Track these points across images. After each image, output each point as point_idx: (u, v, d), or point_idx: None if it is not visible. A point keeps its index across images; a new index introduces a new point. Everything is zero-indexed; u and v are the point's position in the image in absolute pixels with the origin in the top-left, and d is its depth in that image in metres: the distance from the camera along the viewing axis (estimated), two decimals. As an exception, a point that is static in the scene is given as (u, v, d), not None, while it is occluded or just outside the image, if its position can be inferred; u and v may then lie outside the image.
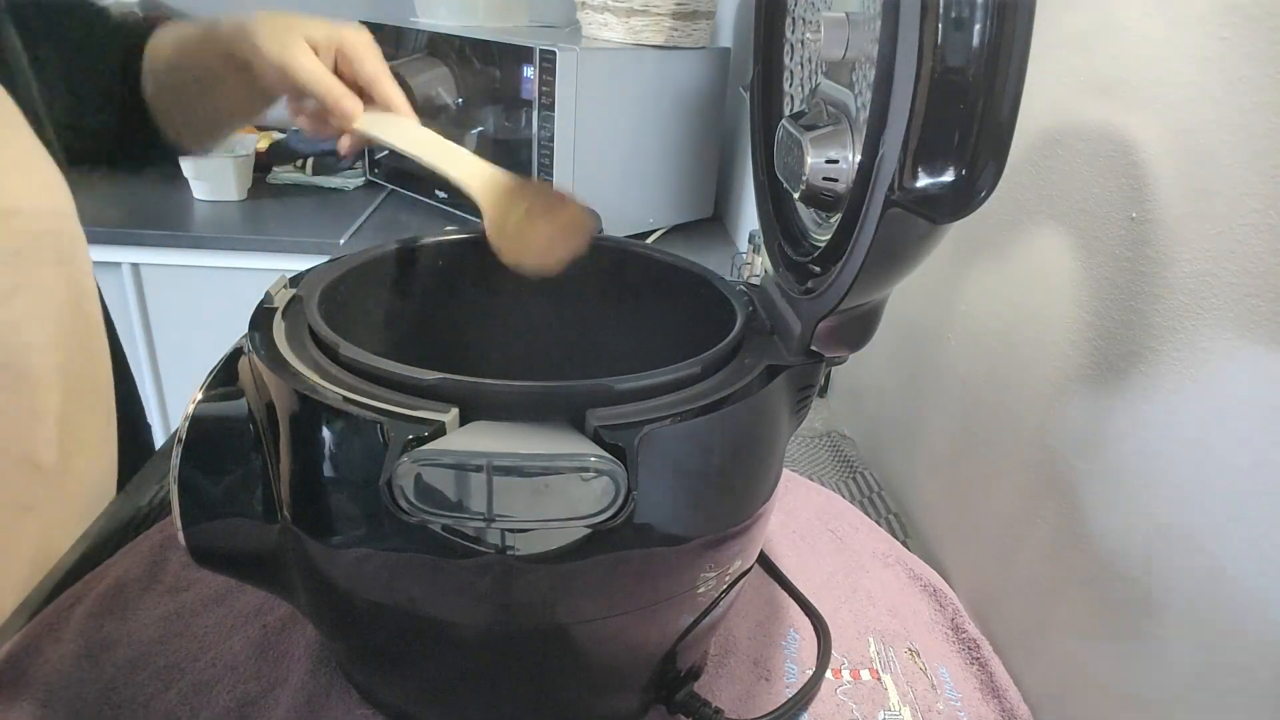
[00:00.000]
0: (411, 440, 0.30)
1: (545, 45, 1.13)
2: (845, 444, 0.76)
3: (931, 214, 0.30)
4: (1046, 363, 0.48)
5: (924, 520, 0.64)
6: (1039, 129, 0.48)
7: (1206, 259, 0.36)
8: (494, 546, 0.32)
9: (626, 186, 1.33)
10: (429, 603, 0.35)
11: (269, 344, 0.36)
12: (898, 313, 0.61)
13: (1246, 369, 0.34)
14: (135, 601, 0.49)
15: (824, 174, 0.38)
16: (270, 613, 0.49)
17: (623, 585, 0.35)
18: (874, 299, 0.37)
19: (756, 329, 0.41)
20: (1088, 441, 0.44)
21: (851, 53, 0.38)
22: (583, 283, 0.51)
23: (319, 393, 0.33)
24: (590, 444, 0.31)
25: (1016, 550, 0.50)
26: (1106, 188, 0.43)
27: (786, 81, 0.48)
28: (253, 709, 0.43)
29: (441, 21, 1.37)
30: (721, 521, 0.37)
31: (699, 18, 1.29)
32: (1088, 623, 0.43)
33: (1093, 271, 0.44)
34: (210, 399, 0.37)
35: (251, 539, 0.37)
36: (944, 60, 0.27)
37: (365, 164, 1.52)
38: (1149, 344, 0.39)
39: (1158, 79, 0.40)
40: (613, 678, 0.41)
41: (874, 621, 0.53)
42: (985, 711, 0.47)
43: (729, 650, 0.49)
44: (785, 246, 0.45)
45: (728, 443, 0.36)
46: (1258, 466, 0.33)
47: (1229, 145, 0.35)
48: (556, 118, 1.15)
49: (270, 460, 0.36)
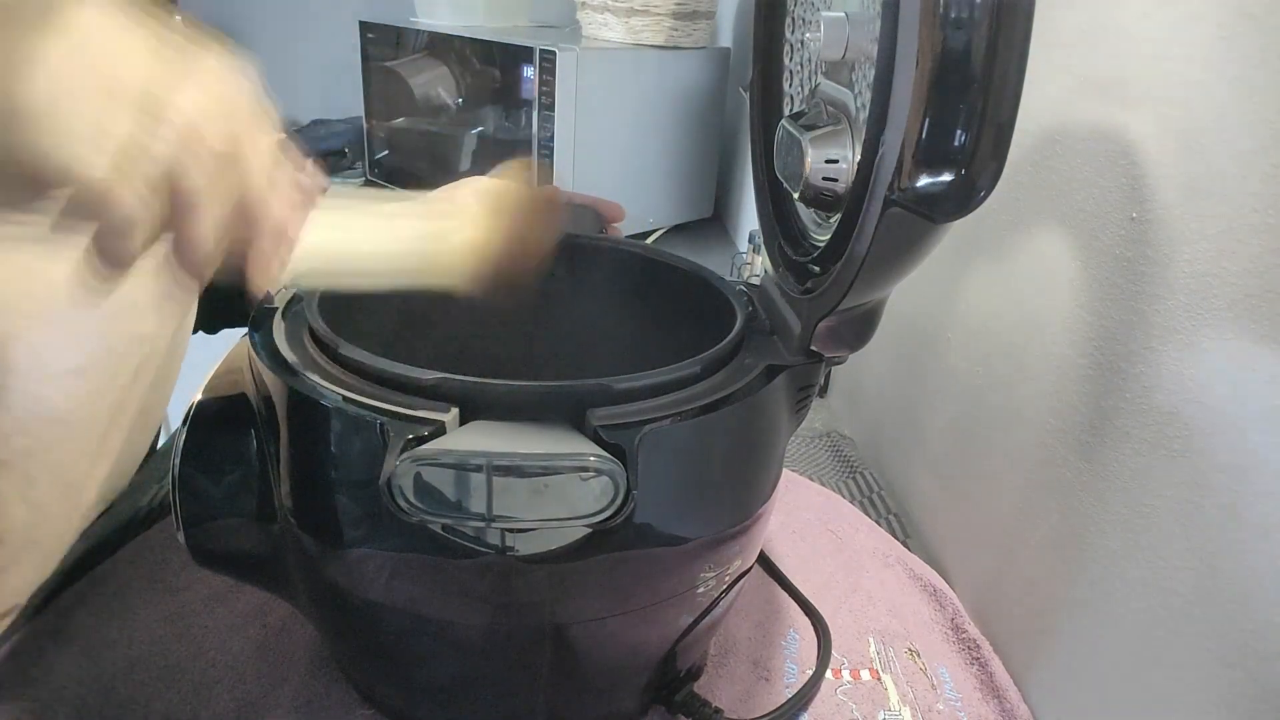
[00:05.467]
0: (411, 440, 0.30)
1: (545, 45, 1.13)
2: (845, 444, 0.76)
3: (931, 214, 0.30)
4: (1046, 362, 0.48)
5: (924, 520, 0.64)
6: (1039, 129, 0.48)
7: (1206, 259, 0.36)
8: (494, 546, 0.32)
9: (626, 186, 1.33)
10: (429, 603, 0.35)
11: (269, 344, 0.36)
12: (898, 313, 0.61)
13: (1246, 369, 0.34)
14: (135, 601, 0.49)
15: (824, 174, 0.38)
16: (270, 613, 0.49)
17: (623, 585, 0.35)
18: (874, 299, 0.37)
19: (756, 329, 0.41)
20: (1088, 441, 0.44)
21: (851, 53, 0.38)
22: (583, 283, 0.51)
23: (319, 393, 0.33)
24: (590, 444, 0.31)
25: (1016, 550, 0.50)
26: (1106, 188, 0.43)
27: (786, 81, 0.48)
28: (253, 709, 0.43)
29: (441, 21, 1.37)
30: (721, 521, 0.37)
31: (699, 18, 1.29)
32: (1088, 623, 0.43)
33: (1093, 271, 0.44)
34: (210, 399, 0.37)
35: (251, 539, 0.37)
36: (944, 60, 0.27)
37: (365, 164, 1.52)
38: (1149, 344, 0.39)
39: (1158, 79, 0.39)
40: (613, 678, 0.41)
41: (874, 621, 0.53)
42: (985, 711, 0.47)
43: (729, 650, 0.49)
44: (785, 246, 0.45)
45: (728, 442, 0.36)
46: (1258, 467, 0.33)
47: (1229, 145, 0.35)
48: (556, 118, 1.15)
49: (270, 460, 0.36)
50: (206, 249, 0.28)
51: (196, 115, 0.27)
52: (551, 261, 0.42)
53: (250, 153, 0.29)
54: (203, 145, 0.27)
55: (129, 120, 0.25)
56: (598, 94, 1.19)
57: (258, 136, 0.29)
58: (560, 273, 0.51)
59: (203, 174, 0.27)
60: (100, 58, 0.25)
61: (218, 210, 0.28)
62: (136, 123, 0.25)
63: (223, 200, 0.28)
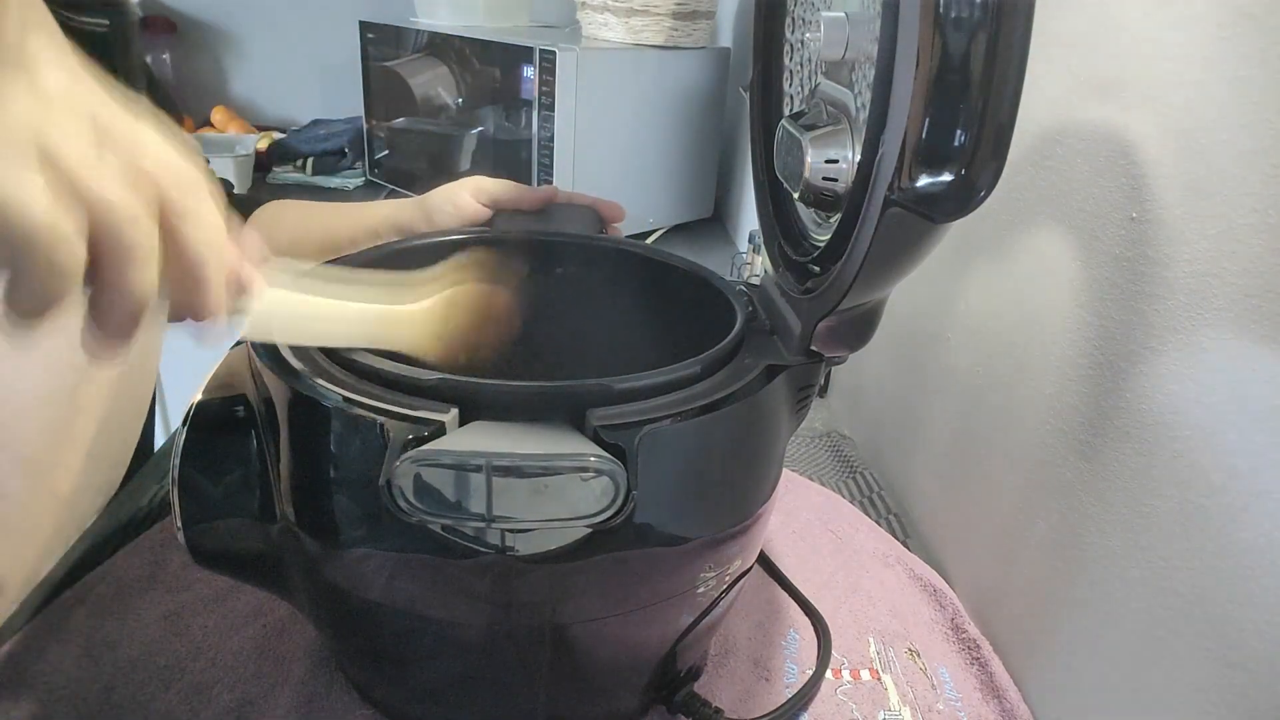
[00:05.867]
0: (411, 440, 0.30)
1: (545, 45, 1.13)
2: (845, 444, 0.76)
3: (931, 214, 0.30)
4: (1046, 362, 0.48)
5: (924, 520, 0.64)
6: (1039, 129, 0.48)
7: (1206, 259, 0.36)
8: (494, 546, 0.32)
9: (626, 186, 1.33)
10: (429, 603, 0.35)
11: (269, 344, 0.36)
12: (898, 313, 0.61)
13: (1246, 369, 0.34)
14: (135, 601, 0.49)
15: (824, 174, 0.38)
16: (270, 613, 0.49)
17: (623, 585, 0.35)
18: (874, 299, 0.37)
19: (756, 329, 0.41)
20: (1088, 441, 0.44)
21: (851, 53, 0.38)
22: (583, 283, 0.51)
23: (319, 393, 0.33)
24: (590, 444, 0.31)
25: (1016, 550, 0.50)
26: (1106, 188, 0.43)
27: (786, 81, 0.48)
28: (252, 709, 0.43)
29: (441, 21, 1.37)
30: (721, 521, 0.37)
31: (699, 18, 1.29)
32: (1088, 623, 0.43)
33: (1093, 271, 0.44)
34: (210, 399, 0.37)
35: (251, 539, 0.37)
36: (944, 60, 0.27)
37: (365, 164, 1.52)
38: (1149, 344, 0.39)
39: (1158, 79, 0.39)
40: (613, 678, 0.41)
41: (874, 621, 0.53)
42: (985, 711, 0.47)
43: (729, 650, 0.49)
44: (785, 246, 0.45)
45: (727, 443, 0.36)
46: (1258, 467, 0.33)
47: (1229, 145, 0.35)
48: (556, 118, 1.15)
49: (270, 460, 0.36)
50: (135, 303, 0.26)
51: (143, 158, 0.26)
52: (537, 258, 0.42)
53: (198, 206, 0.27)
54: (154, 178, 0.26)
55: (79, 144, 0.24)
56: (598, 94, 1.19)
57: (206, 198, 0.28)
58: (560, 273, 0.52)
59: (143, 220, 0.26)
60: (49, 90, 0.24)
61: (150, 267, 0.26)
62: (85, 150, 0.25)
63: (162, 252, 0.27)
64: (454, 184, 0.57)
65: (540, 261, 0.50)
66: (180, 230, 0.27)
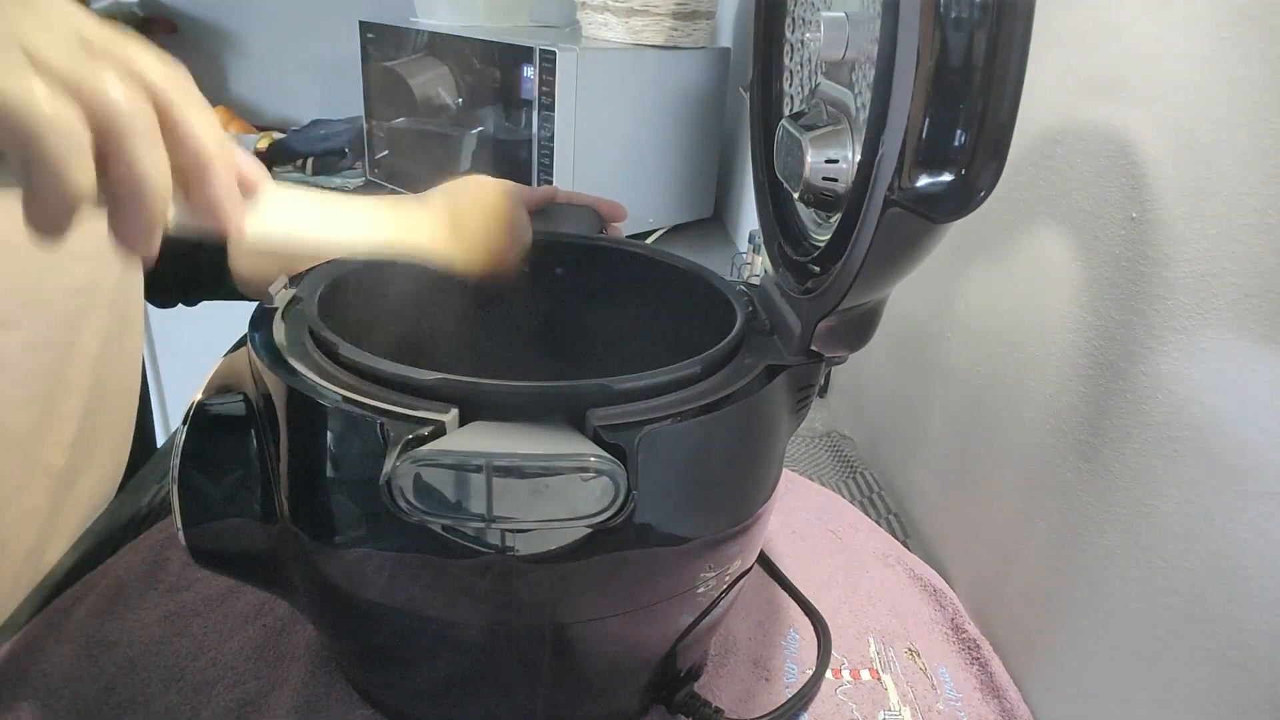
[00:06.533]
0: (411, 440, 0.30)
1: (545, 45, 1.13)
2: (845, 444, 0.76)
3: (931, 214, 0.30)
4: (1046, 362, 0.48)
5: (924, 520, 0.64)
6: (1039, 129, 0.48)
7: (1206, 259, 0.36)
8: (494, 547, 0.32)
9: (626, 186, 1.33)
10: (429, 603, 0.35)
11: (269, 344, 0.36)
12: (898, 313, 0.61)
13: (1246, 369, 0.34)
14: (135, 601, 0.49)
15: (824, 174, 0.38)
16: (270, 613, 0.49)
17: (623, 585, 0.35)
18: (874, 299, 0.37)
19: (756, 329, 0.41)
20: (1088, 441, 0.44)
21: (851, 53, 0.38)
22: (583, 283, 0.51)
23: (319, 393, 0.33)
24: (590, 444, 0.31)
25: (1016, 550, 0.50)
26: (1106, 188, 0.43)
27: (786, 81, 0.48)
28: (252, 709, 0.43)
29: (441, 21, 1.37)
30: (721, 521, 0.37)
31: (699, 18, 1.29)
32: (1088, 623, 0.43)
33: (1093, 271, 0.44)
34: (210, 399, 0.37)
35: (251, 539, 0.37)
36: (944, 60, 0.27)
37: (365, 164, 1.52)
38: (1149, 344, 0.39)
39: (1158, 79, 0.39)
40: (613, 678, 0.41)
41: (874, 621, 0.53)
42: (985, 711, 0.47)
43: (729, 650, 0.49)
44: (785, 246, 0.45)
45: (728, 443, 0.36)
46: (1258, 467, 0.33)
47: (1229, 145, 0.35)
48: (556, 118, 1.15)
49: (270, 460, 0.36)
50: (152, 187, 0.27)
51: (133, 64, 0.27)
52: (537, 258, 0.42)
53: (195, 101, 0.28)
54: (144, 79, 0.27)
55: (65, 50, 0.25)
56: (598, 94, 1.19)
57: (199, 98, 0.29)
58: (560, 273, 0.52)
59: (142, 108, 0.26)
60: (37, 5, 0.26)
61: (158, 148, 0.27)
62: (73, 54, 0.25)
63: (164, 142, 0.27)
64: (448, 185, 0.57)
65: (540, 261, 0.50)
66: (180, 122, 0.28)
